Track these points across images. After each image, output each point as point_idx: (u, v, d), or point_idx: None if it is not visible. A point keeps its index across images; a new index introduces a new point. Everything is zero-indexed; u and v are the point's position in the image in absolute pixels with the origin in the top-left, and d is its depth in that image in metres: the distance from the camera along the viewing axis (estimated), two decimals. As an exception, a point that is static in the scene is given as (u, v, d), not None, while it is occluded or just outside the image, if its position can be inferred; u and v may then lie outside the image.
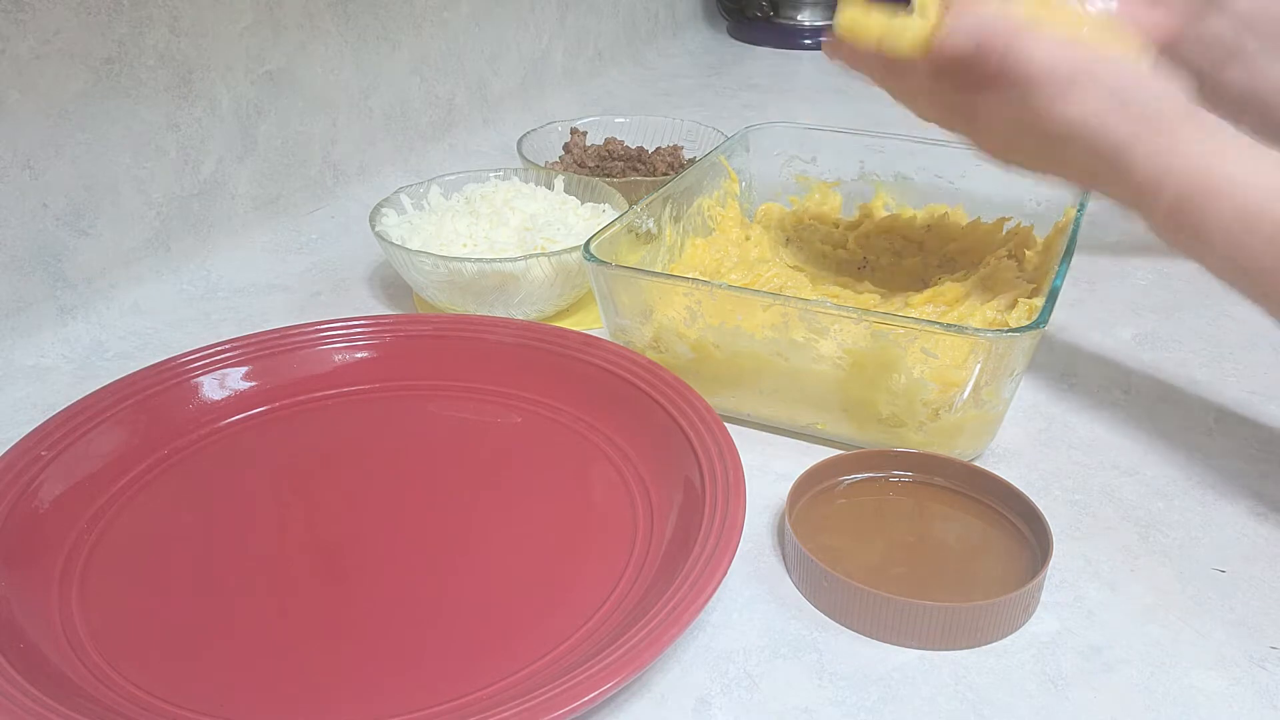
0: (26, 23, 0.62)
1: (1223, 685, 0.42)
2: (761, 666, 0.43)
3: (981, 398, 0.52)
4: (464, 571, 0.47)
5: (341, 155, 0.88)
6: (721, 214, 0.72)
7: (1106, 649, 0.43)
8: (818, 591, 0.45)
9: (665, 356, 0.58)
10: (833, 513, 0.50)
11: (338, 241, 0.82)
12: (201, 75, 0.74)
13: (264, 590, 0.46)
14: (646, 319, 0.58)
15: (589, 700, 0.37)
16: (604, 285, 0.57)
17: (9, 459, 0.50)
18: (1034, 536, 0.47)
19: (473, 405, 0.59)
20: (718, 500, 0.46)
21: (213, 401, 0.57)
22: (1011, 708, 0.41)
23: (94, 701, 0.39)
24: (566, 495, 0.52)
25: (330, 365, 0.60)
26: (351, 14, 0.87)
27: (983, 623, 0.43)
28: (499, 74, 1.07)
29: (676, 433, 0.52)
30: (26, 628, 0.43)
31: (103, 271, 0.69)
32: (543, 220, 0.69)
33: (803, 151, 0.77)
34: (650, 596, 0.43)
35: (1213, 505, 0.52)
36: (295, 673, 0.42)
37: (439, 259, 0.64)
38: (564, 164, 0.87)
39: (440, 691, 0.40)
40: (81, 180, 0.67)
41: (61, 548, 0.48)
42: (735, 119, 1.12)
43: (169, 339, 0.68)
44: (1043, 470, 0.55)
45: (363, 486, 0.53)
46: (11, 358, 0.64)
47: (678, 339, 0.57)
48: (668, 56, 1.41)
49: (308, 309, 0.72)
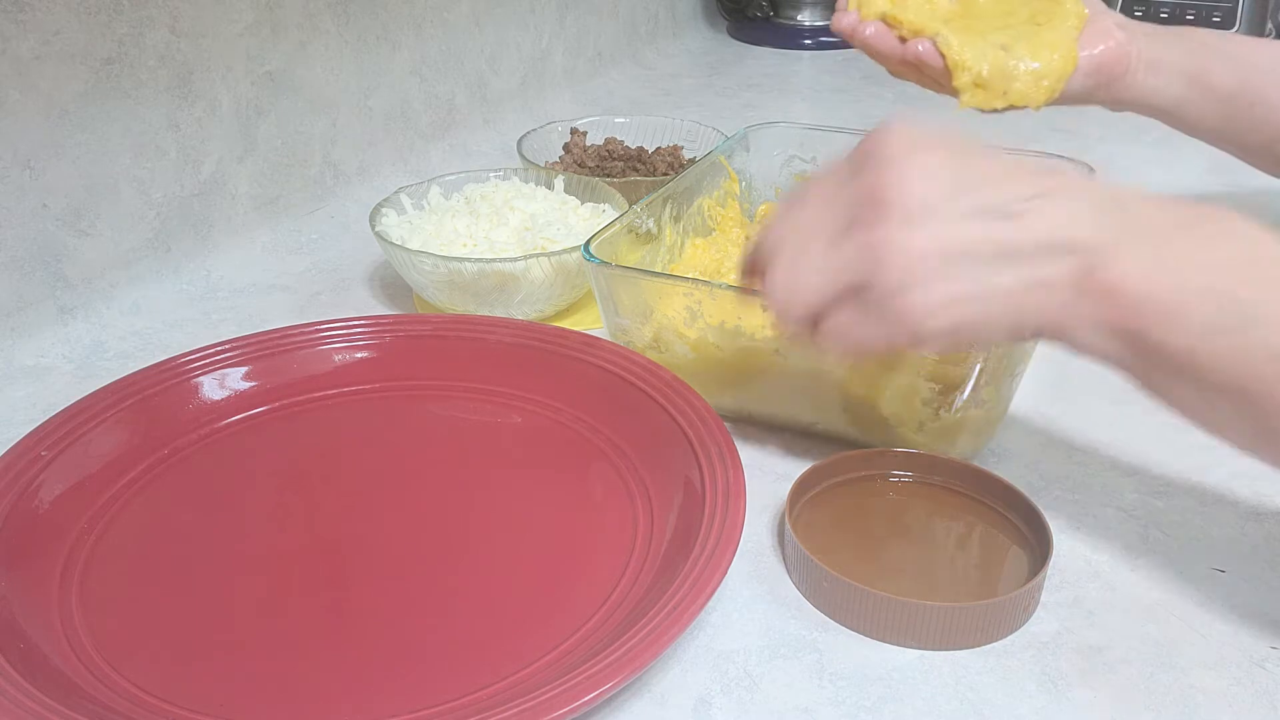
0: (27, 23, 0.62)
1: (1223, 685, 0.42)
2: (761, 666, 0.43)
3: (981, 397, 0.52)
4: (464, 571, 0.47)
5: (341, 155, 0.88)
6: (722, 214, 0.72)
7: (1106, 649, 0.43)
8: (818, 591, 0.45)
9: (665, 356, 0.58)
10: (833, 513, 0.50)
11: (338, 241, 0.82)
12: (201, 75, 0.74)
13: (264, 590, 0.46)
14: (646, 319, 0.57)
15: (589, 700, 0.37)
16: (604, 285, 0.57)
17: (9, 459, 0.50)
18: (1034, 536, 0.47)
19: (473, 405, 0.59)
20: (718, 500, 0.46)
21: (213, 401, 0.57)
22: (1011, 708, 0.41)
23: (94, 701, 0.39)
24: (566, 495, 0.52)
25: (330, 365, 0.60)
26: (351, 14, 0.87)
27: (983, 623, 0.43)
28: (499, 74, 1.07)
29: (676, 433, 0.52)
30: (26, 628, 0.43)
31: (103, 271, 0.69)
32: (543, 220, 0.69)
33: (803, 151, 0.77)
34: (650, 596, 0.43)
35: (1213, 505, 0.52)
36: (295, 673, 0.42)
37: (439, 259, 0.64)
38: (564, 164, 0.87)
39: (440, 691, 0.40)
40: (81, 180, 0.67)
41: (61, 548, 0.48)
42: (735, 119, 1.12)
43: (169, 339, 0.68)
44: (1043, 470, 0.55)
45: (363, 486, 0.53)
46: (11, 358, 0.64)
47: (678, 339, 0.57)
48: (668, 56, 1.41)
49: (308, 309, 0.72)
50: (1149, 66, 0.67)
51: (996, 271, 0.40)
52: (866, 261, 0.40)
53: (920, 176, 0.40)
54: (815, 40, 1.46)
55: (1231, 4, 1.26)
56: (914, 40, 0.66)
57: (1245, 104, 0.68)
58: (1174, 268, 0.38)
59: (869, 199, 0.41)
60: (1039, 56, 0.64)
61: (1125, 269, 0.38)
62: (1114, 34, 0.66)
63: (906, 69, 0.68)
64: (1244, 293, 0.37)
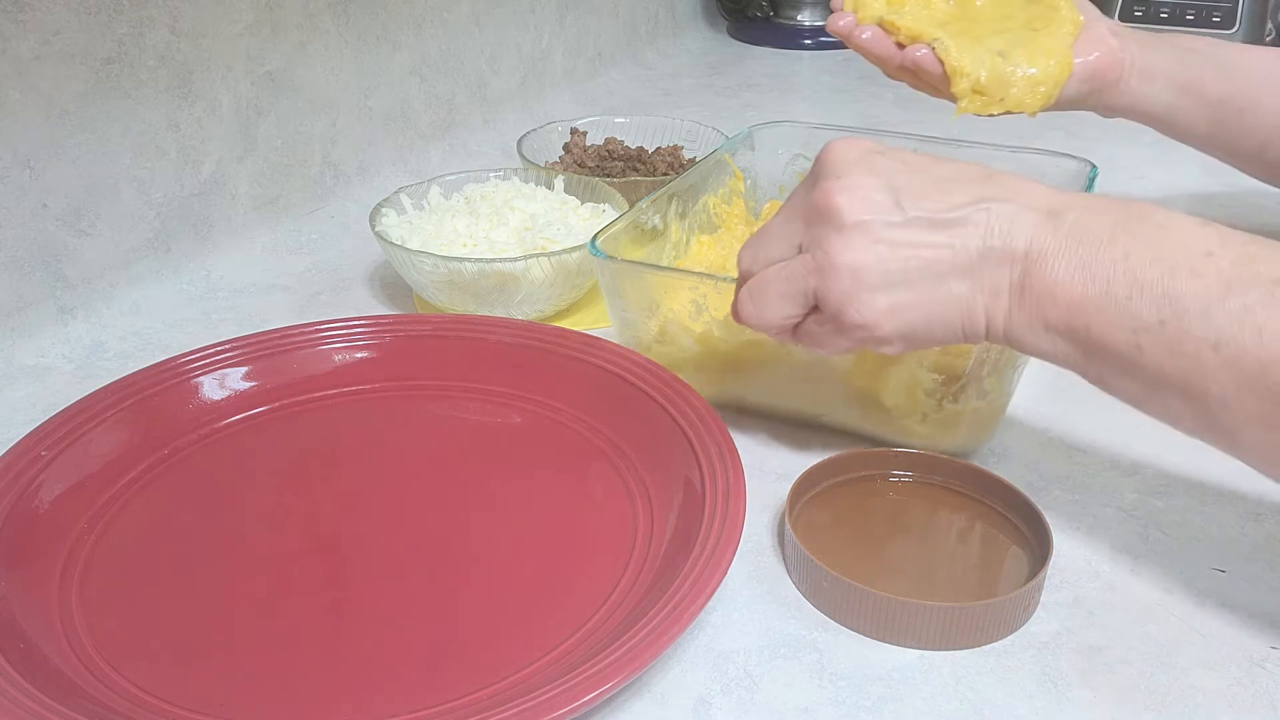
0: (27, 23, 0.62)
1: (1223, 685, 0.42)
2: (761, 666, 0.43)
3: (984, 388, 0.52)
4: (464, 571, 0.47)
5: (341, 155, 0.88)
6: (727, 211, 0.73)
7: (1106, 649, 0.43)
8: (818, 591, 0.45)
9: (671, 349, 0.58)
10: (833, 513, 0.50)
11: (338, 241, 0.82)
12: (201, 75, 0.74)
13: (264, 590, 0.46)
14: (652, 313, 0.58)
15: (589, 700, 0.37)
16: (610, 280, 0.57)
17: (9, 459, 0.50)
18: (1034, 536, 0.47)
19: (473, 405, 0.59)
20: (718, 500, 0.46)
21: (213, 401, 0.57)
22: (1011, 708, 0.41)
23: (94, 701, 0.39)
24: (566, 495, 0.52)
25: (330, 365, 0.60)
26: (351, 14, 0.87)
27: (983, 623, 0.43)
28: (499, 74, 1.07)
29: (676, 433, 0.52)
30: (26, 628, 0.43)
31: (103, 271, 0.69)
32: (543, 220, 0.69)
33: (807, 150, 0.77)
34: (650, 596, 0.43)
35: (1213, 505, 0.52)
36: (295, 673, 0.42)
37: (439, 259, 0.64)
38: (564, 164, 0.87)
39: (440, 691, 0.40)
40: (81, 180, 0.67)
41: (61, 548, 0.48)
42: (735, 119, 1.12)
43: (169, 339, 0.68)
44: (1043, 470, 0.55)
45: (363, 487, 0.53)
46: (11, 358, 0.64)
47: (683, 332, 0.57)
48: (668, 56, 1.41)
49: (308, 309, 0.72)
50: (1141, 74, 0.68)
51: (938, 279, 0.42)
52: (814, 277, 0.43)
53: (860, 190, 0.43)
54: (815, 40, 1.46)
55: (1231, 4, 1.26)
56: (912, 46, 0.66)
57: (1235, 110, 0.68)
58: (1107, 267, 0.40)
59: (815, 215, 0.43)
60: (1035, 63, 0.65)
61: (1058, 274, 0.40)
62: (1108, 41, 0.67)
63: (903, 73, 0.68)
64: (1172, 286, 0.39)
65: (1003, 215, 0.42)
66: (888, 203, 0.42)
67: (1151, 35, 0.69)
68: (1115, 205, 0.42)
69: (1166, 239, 0.40)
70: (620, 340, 0.60)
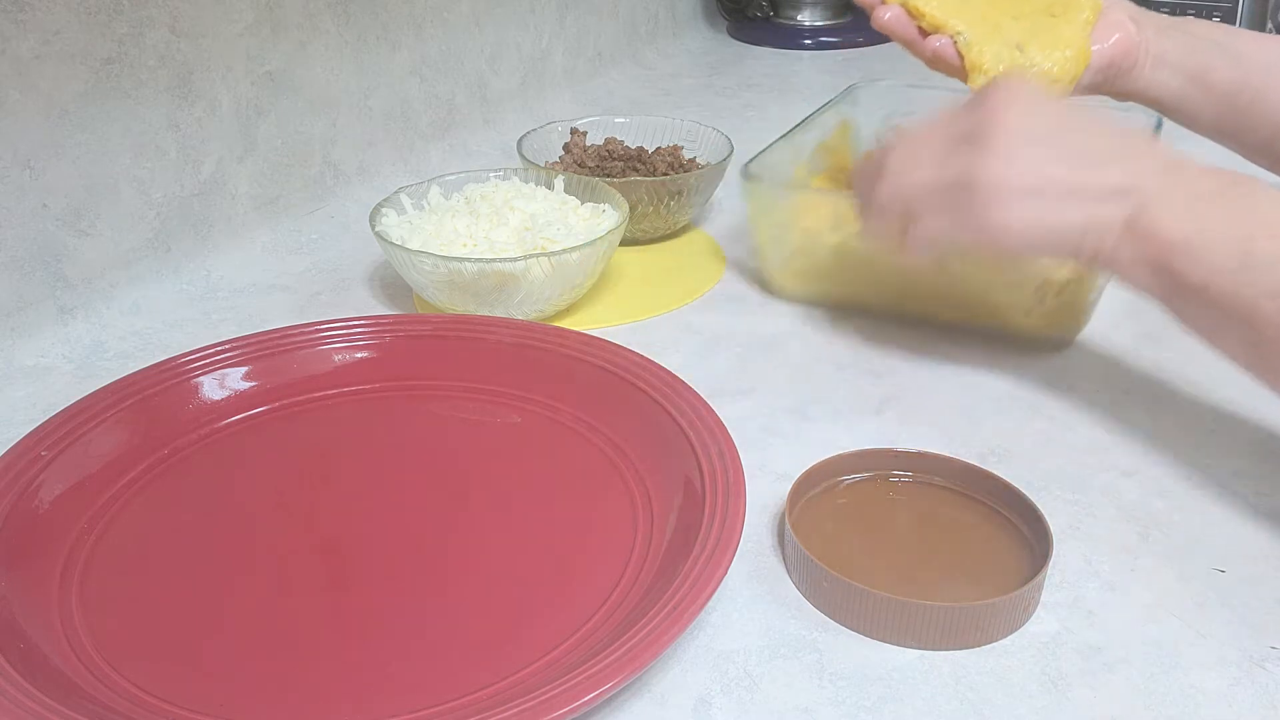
0: (27, 23, 0.62)
1: (1223, 685, 0.42)
2: (761, 666, 0.43)
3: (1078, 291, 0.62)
4: (464, 571, 0.47)
5: (341, 155, 0.88)
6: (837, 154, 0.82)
7: (1106, 649, 0.43)
8: (818, 591, 0.45)
9: (807, 260, 0.69)
10: (833, 513, 0.50)
11: (338, 241, 0.82)
12: (201, 75, 0.74)
13: (264, 590, 0.46)
14: (793, 228, 0.69)
15: (589, 700, 0.37)
16: (762, 200, 0.69)
17: (9, 459, 0.50)
18: (1034, 536, 0.47)
19: (473, 405, 0.59)
20: (718, 500, 0.46)
21: (213, 401, 0.57)
22: (1011, 708, 0.41)
23: (94, 701, 0.39)
24: (566, 495, 0.52)
25: (330, 365, 0.60)
26: (351, 14, 0.87)
27: (983, 623, 0.43)
28: (499, 74, 1.07)
29: (676, 433, 0.52)
30: (26, 628, 0.43)
31: (103, 271, 0.69)
32: (543, 220, 0.69)
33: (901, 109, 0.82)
34: (650, 596, 0.43)
35: (1213, 505, 0.52)
36: (295, 673, 0.42)
37: (439, 259, 0.64)
38: (564, 164, 0.87)
39: (440, 691, 0.40)
40: (81, 180, 0.67)
41: (61, 548, 0.48)
42: (735, 119, 1.12)
43: (169, 339, 0.68)
44: (1043, 470, 0.55)
45: (363, 487, 0.53)
46: (11, 358, 0.64)
47: (820, 244, 0.68)
48: (668, 56, 1.41)
49: (308, 309, 0.72)
50: (1155, 60, 0.68)
51: (1070, 206, 0.50)
52: (966, 175, 0.51)
53: (1024, 121, 0.51)
54: (815, 40, 1.46)
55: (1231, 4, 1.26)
56: (933, 37, 0.67)
57: (1245, 101, 0.68)
58: (1202, 218, 0.48)
59: (979, 130, 0.51)
60: (1053, 57, 0.65)
61: (1164, 215, 0.49)
62: (1126, 26, 0.67)
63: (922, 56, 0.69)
64: (1252, 244, 0.47)
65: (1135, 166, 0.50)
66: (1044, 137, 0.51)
67: (1168, 20, 0.69)
68: (1224, 174, 0.49)
69: (1256, 205, 0.48)
70: (761, 259, 0.73)
